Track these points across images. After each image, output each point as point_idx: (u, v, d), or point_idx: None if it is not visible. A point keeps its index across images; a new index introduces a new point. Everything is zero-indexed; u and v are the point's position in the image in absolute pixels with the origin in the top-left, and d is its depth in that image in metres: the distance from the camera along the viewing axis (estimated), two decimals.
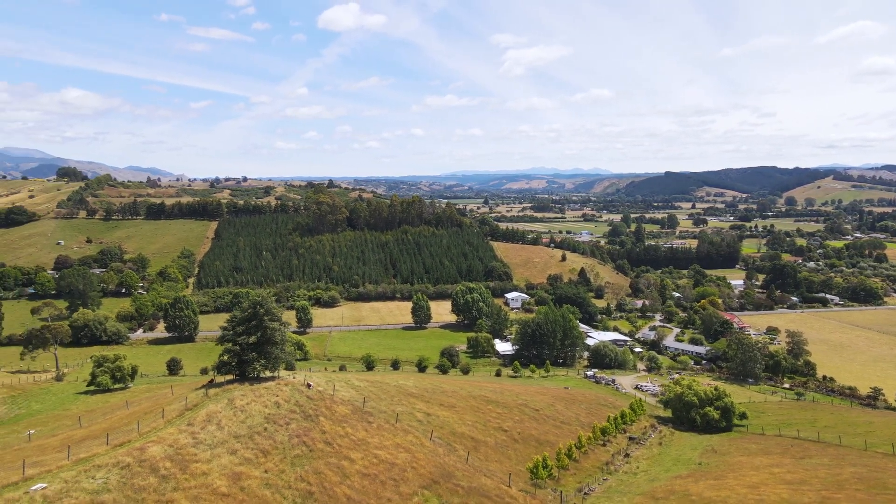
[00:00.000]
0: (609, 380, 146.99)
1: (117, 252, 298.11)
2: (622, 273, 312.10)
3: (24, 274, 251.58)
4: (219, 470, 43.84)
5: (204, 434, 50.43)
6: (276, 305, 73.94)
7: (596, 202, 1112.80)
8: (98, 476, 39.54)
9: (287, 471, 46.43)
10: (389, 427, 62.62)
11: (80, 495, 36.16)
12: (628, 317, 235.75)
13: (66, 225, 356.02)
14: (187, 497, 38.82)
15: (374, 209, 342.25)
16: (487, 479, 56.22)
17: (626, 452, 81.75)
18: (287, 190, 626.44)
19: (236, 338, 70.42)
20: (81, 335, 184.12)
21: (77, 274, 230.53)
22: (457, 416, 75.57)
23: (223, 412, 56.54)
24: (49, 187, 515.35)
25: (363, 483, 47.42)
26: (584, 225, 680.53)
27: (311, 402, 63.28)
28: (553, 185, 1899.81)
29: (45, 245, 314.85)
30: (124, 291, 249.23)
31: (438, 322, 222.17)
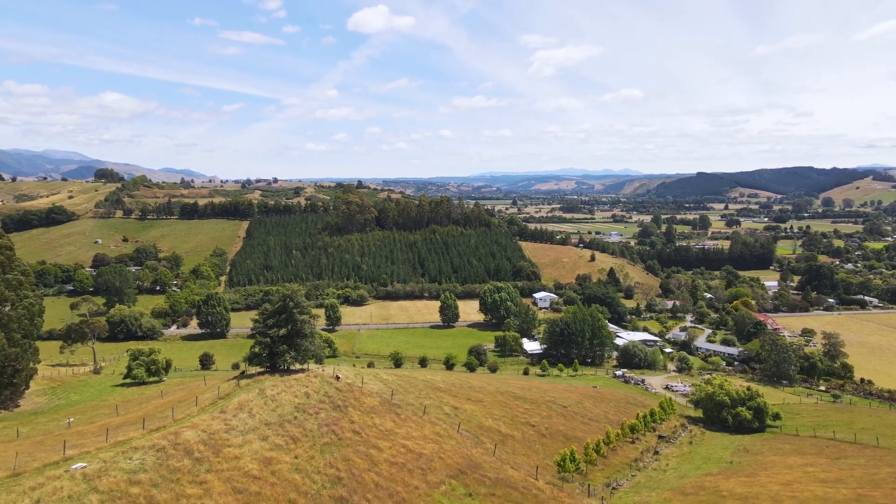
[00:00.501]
0: (638, 379, 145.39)
1: (152, 251, 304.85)
2: (652, 273, 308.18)
3: (63, 271, 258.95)
4: (250, 454, 44.71)
5: (236, 421, 51.43)
6: (305, 299, 74.98)
7: (626, 203, 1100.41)
8: (135, 457, 40.65)
9: (316, 457, 47.11)
10: (417, 419, 63.03)
11: (117, 474, 37.25)
12: (658, 317, 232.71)
13: (104, 224, 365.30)
14: (220, 479, 39.71)
15: (402, 209, 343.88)
16: (514, 471, 56.24)
17: (655, 450, 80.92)
18: (317, 191, 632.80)
19: (267, 330, 71.60)
20: (118, 330, 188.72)
21: (114, 271, 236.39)
22: (484, 410, 75.67)
23: (254, 401, 57.55)
24: (87, 188, 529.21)
25: (391, 471, 47.88)
26: (613, 226, 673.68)
27: (340, 394, 64.00)
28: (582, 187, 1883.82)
29: (84, 244, 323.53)
30: (159, 289, 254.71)
31: (466, 321, 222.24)
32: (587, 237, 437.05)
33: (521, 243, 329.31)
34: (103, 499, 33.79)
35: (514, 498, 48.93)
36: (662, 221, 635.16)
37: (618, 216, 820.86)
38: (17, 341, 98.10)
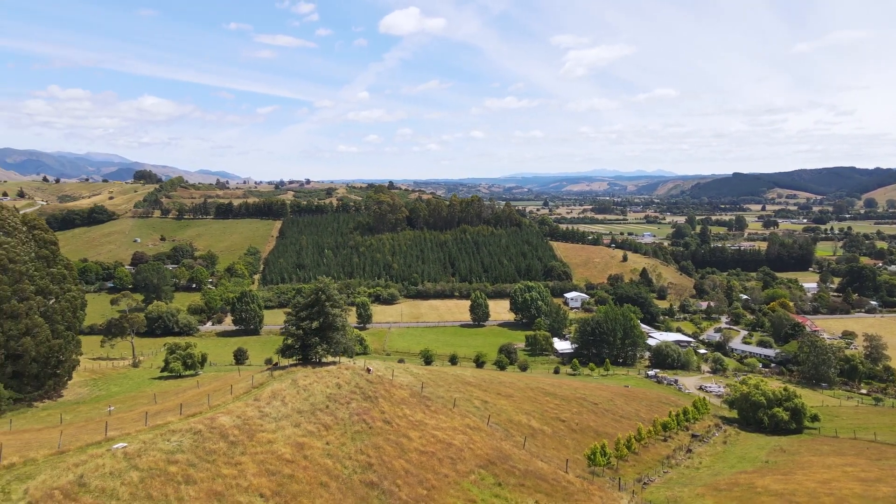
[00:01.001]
0: (671, 380, 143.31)
1: (188, 249, 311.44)
2: (686, 274, 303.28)
3: (104, 269, 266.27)
4: (283, 440, 45.53)
5: (269, 408, 52.40)
6: (337, 293, 75.86)
7: (659, 204, 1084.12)
8: (173, 439, 41.76)
9: (347, 444, 47.74)
10: (447, 411, 63.33)
11: (156, 454, 38.34)
12: (692, 318, 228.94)
13: (142, 224, 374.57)
14: (254, 461, 40.55)
15: (433, 208, 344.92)
16: (544, 463, 56.11)
17: (688, 448, 79.80)
18: (348, 191, 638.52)
19: (300, 323, 72.68)
20: (155, 326, 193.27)
21: (152, 269, 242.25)
22: (514, 404, 75.60)
23: (287, 390, 58.53)
24: (127, 189, 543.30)
25: (421, 459, 48.24)
26: (646, 227, 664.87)
27: (371, 385, 64.66)
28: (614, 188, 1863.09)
29: (123, 242, 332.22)
30: (194, 286, 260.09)
31: (496, 320, 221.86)
32: (619, 237, 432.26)
33: (552, 243, 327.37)
34: (143, 476, 34.84)
35: (544, 489, 48.86)
36: (697, 222, 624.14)
37: (651, 217, 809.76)
38: (61, 333, 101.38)
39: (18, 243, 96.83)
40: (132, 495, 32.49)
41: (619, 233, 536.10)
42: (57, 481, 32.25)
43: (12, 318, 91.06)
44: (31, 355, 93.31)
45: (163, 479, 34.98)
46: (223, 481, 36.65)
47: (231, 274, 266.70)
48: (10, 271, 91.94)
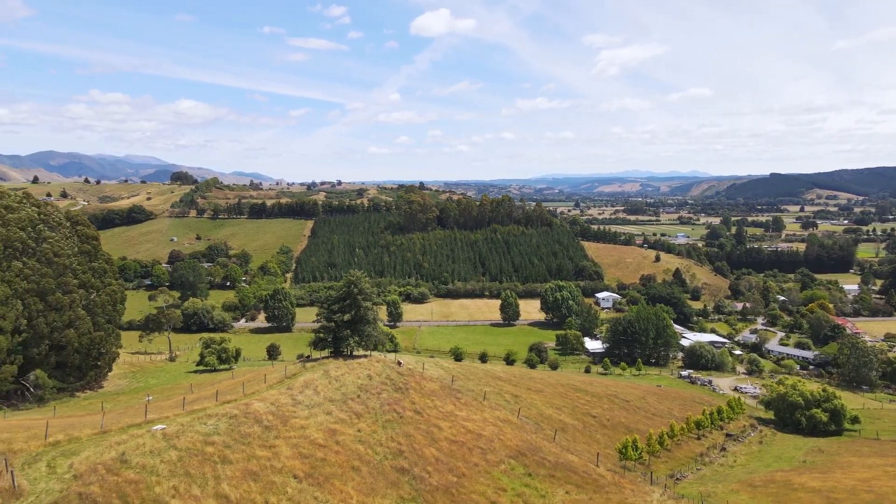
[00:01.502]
0: (705, 380, 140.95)
1: (223, 248, 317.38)
2: (721, 275, 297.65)
3: (142, 266, 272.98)
4: (315, 426, 46.24)
5: (302, 397, 53.25)
6: (368, 286, 76.58)
7: (693, 205, 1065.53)
8: (209, 422, 42.78)
9: (378, 431, 48.24)
10: (477, 404, 63.45)
11: (194, 435, 39.34)
12: (727, 319, 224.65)
13: (179, 223, 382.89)
14: (288, 445, 41.30)
15: (463, 208, 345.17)
16: (574, 457, 55.83)
17: (722, 447, 78.48)
18: (379, 192, 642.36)
19: (332, 315, 73.57)
20: (191, 322, 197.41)
21: (188, 267, 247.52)
22: (544, 399, 75.33)
23: (319, 380, 59.37)
24: (164, 190, 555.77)
25: (451, 448, 48.48)
26: (679, 227, 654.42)
27: (402, 378, 65.14)
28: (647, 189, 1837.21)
29: (161, 241, 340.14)
30: (229, 284, 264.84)
31: (527, 320, 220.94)
32: (652, 238, 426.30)
33: (583, 243, 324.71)
34: (181, 455, 35.79)
35: (574, 481, 48.65)
36: (732, 223, 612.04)
37: (684, 218, 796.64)
38: (102, 326, 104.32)
39: (62, 238, 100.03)
40: (171, 472, 33.42)
41: (651, 234, 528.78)
42: (100, 457, 33.35)
43: (56, 310, 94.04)
44: (74, 346, 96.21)
45: (200, 459, 35.89)
46: (258, 462, 37.43)
47: (264, 272, 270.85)
48: (54, 265, 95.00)
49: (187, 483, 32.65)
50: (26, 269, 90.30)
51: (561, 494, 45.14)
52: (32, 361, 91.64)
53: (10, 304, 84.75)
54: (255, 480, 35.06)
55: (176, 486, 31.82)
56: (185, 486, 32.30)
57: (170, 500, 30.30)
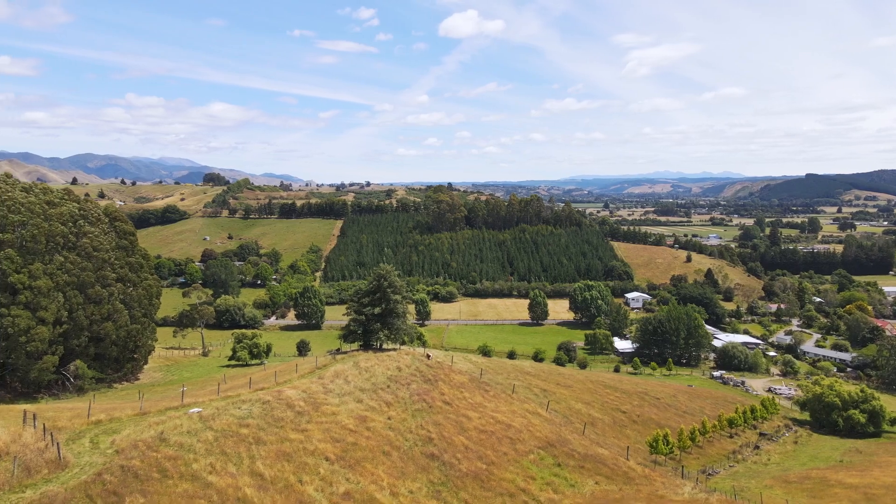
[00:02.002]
0: (738, 381, 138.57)
1: (254, 247, 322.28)
2: (754, 276, 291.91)
3: (176, 265, 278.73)
4: (346, 413, 46.84)
5: (333, 385, 53.97)
6: (398, 279, 77.13)
7: (725, 206, 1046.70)
8: (243, 407, 43.67)
9: (408, 420, 48.65)
10: (506, 397, 63.50)
11: (228, 418, 40.22)
12: (761, 320, 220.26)
13: (211, 223, 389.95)
14: (319, 429, 41.93)
15: (491, 208, 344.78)
16: (604, 450, 55.51)
17: (755, 445, 77.15)
18: (407, 193, 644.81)
19: (362, 308, 74.32)
20: (223, 319, 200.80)
21: (220, 265, 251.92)
22: (573, 394, 74.98)
23: (349, 371, 60.08)
24: (197, 191, 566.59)
25: (480, 437, 48.64)
26: (712, 229, 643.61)
27: (431, 370, 65.51)
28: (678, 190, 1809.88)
29: (194, 240, 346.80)
30: (259, 282, 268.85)
31: (555, 319, 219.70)
32: (683, 239, 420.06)
33: (612, 243, 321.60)
34: (217, 435, 36.64)
35: (604, 472, 48.40)
36: (766, 224, 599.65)
37: (716, 219, 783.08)
38: (138, 319, 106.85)
39: (101, 233, 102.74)
40: (208, 451, 34.24)
41: (682, 235, 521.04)
42: (140, 435, 34.35)
43: (95, 303, 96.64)
44: (112, 339, 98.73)
45: (235, 439, 36.69)
46: (290, 444, 38.10)
47: (294, 271, 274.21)
48: (94, 259, 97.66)
49: (223, 461, 33.43)
50: (67, 262, 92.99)
51: (590, 485, 44.97)
52: (73, 352, 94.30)
53: (51, 296, 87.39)
54: (288, 461, 35.71)
55: (213, 464, 32.60)
56: (222, 463, 33.06)
57: (207, 476, 31.06)
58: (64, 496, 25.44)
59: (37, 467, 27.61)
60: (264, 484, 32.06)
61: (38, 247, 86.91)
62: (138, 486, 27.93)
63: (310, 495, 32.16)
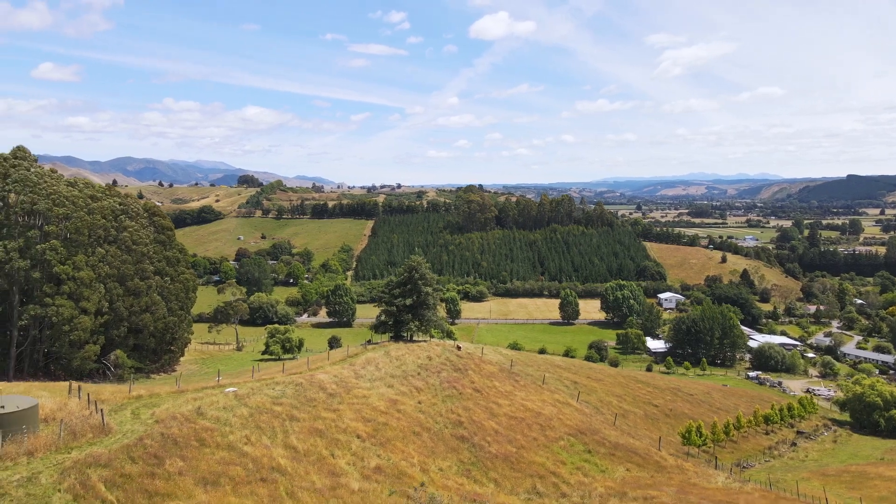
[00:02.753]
0: (774, 382, 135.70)
1: (286, 246, 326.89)
2: (792, 277, 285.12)
3: (211, 263, 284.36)
4: (377, 396, 47.39)
5: (364, 371, 54.62)
6: (429, 271, 77.60)
7: (762, 208, 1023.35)
8: (277, 388, 44.54)
9: (438, 404, 48.98)
10: (536, 387, 63.38)
11: (263, 397, 41.10)
12: (799, 322, 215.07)
13: (245, 223, 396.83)
14: (351, 409, 42.55)
15: (522, 208, 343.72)
16: (635, 440, 55.04)
17: (792, 442, 75.52)
18: (438, 195, 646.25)
19: (393, 300, 74.92)
20: (256, 316, 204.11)
21: (254, 263, 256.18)
22: (605, 387, 74.42)
23: (380, 359, 60.70)
24: (231, 192, 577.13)
25: (510, 423, 48.72)
26: (748, 230, 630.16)
27: (461, 360, 65.77)
28: (713, 192, 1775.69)
29: (228, 239, 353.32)
30: (292, 281, 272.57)
31: (586, 319, 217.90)
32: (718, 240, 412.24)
33: (645, 244, 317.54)
34: (252, 411, 37.48)
35: (635, 460, 48.02)
36: (805, 226, 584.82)
37: (753, 221, 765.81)
38: (175, 311, 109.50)
39: (140, 227, 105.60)
40: (243, 425, 35.07)
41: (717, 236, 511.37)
42: (178, 409, 35.35)
43: (135, 295, 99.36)
44: (150, 330, 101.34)
45: (269, 416, 37.48)
46: (323, 422, 38.75)
47: (326, 269, 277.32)
48: (133, 252, 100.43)
49: (258, 434, 34.19)
50: (108, 255, 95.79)
51: (621, 471, 44.69)
52: (113, 342, 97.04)
53: (93, 287, 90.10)
54: (320, 437, 36.34)
55: (248, 436, 33.38)
56: (256, 436, 33.82)
57: (243, 446, 31.82)
58: (108, 456, 26.37)
59: (82, 431, 28.69)
60: (297, 456, 32.71)
61: (81, 239, 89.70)
62: (177, 451, 28.79)
63: (341, 468, 32.70)
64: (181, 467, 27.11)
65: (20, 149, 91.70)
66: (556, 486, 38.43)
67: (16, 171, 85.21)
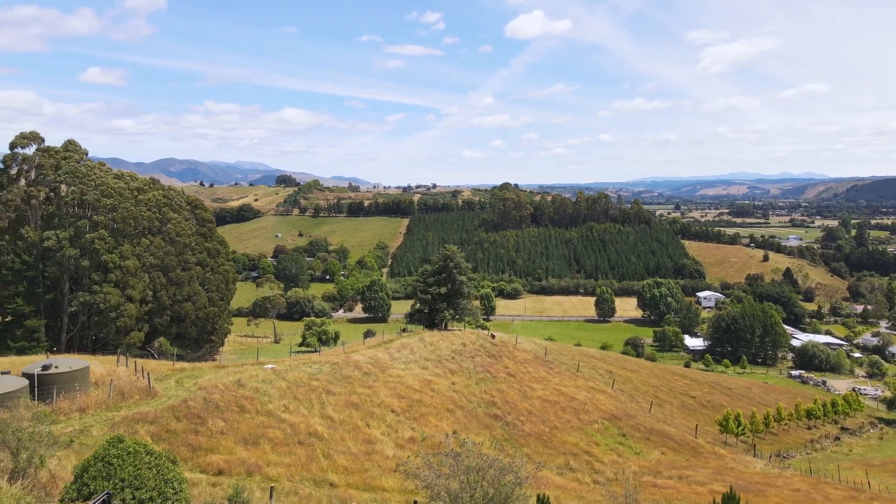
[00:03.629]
0: (818, 381, 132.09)
1: (323, 244, 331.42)
2: (838, 276, 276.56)
3: (250, 260, 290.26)
4: (412, 376, 48.00)
5: (398, 354, 55.32)
6: (463, 260, 77.99)
7: (807, 207, 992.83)
8: (314, 366, 45.52)
9: (472, 386, 49.34)
10: (570, 374, 63.19)
11: (300, 373, 42.08)
12: (845, 321, 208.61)
13: (283, 221, 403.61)
14: (386, 387, 43.22)
15: (558, 206, 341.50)
16: (671, 427, 54.48)
17: (835, 437, 73.52)
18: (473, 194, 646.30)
19: (427, 288, 75.52)
20: (294, 310, 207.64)
21: (291, 259, 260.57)
22: (640, 378, 73.71)
23: (415, 344, 61.33)
24: (269, 192, 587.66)
25: (544, 405, 48.77)
26: (791, 230, 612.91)
27: (495, 347, 65.98)
28: (755, 192, 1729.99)
29: (266, 237, 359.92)
30: (328, 277, 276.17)
31: (622, 317, 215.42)
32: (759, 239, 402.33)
33: (683, 242, 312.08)
34: (290, 385, 38.46)
35: (671, 445, 47.58)
36: (852, 226, 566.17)
37: (797, 221, 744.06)
38: (216, 302, 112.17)
39: (183, 219, 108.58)
40: (281, 396, 36.03)
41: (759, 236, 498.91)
42: (220, 380, 36.53)
43: (177, 285, 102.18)
44: (191, 319, 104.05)
45: (307, 389, 38.40)
46: (358, 397, 39.49)
47: (361, 266, 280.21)
48: (176, 243, 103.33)
49: (296, 404, 35.10)
50: (152, 245, 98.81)
51: (656, 454, 44.36)
52: (156, 330, 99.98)
53: (138, 275, 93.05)
54: (356, 409, 37.06)
55: (286, 405, 34.31)
56: (294, 406, 34.73)
57: (281, 414, 32.74)
58: (154, 414, 27.52)
59: (129, 393, 29.95)
60: (333, 424, 33.48)
61: (127, 229, 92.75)
62: (219, 414, 29.83)
63: (376, 437, 33.35)
64: (222, 427, 28.11)
65: (70, 142, 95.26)
66: (590, 463, 38.40)
67: (66, 163, 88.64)
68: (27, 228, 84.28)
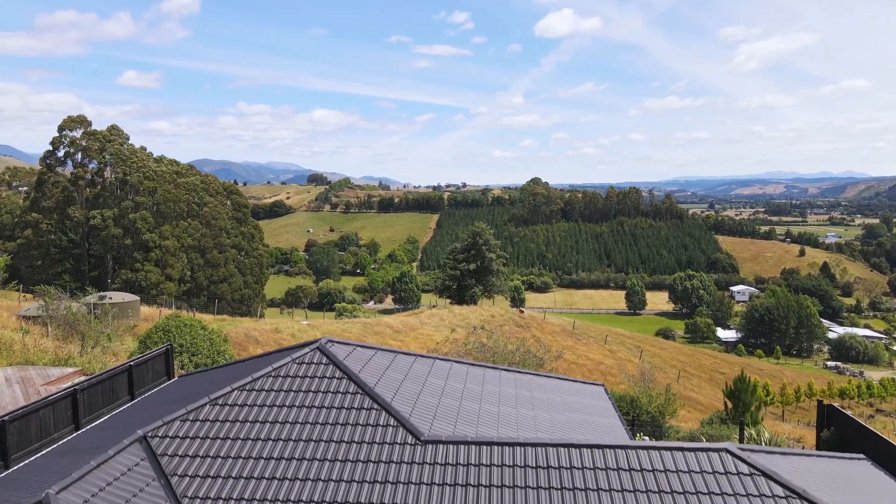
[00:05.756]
0: (855, 372, 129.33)
1: (353, 238, 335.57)
2: (878, 271, 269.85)
3: (282, 253, 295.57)
4: (441, 336, 49.28)
5: (428, 320, 56.75)
6: (493, 238, 79.13)
7: (847, 206, 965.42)
8: (347, 324, 47.20)
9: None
10: (598, 345, 63.85)
11: (333, 327, 43.80)
12: (885, 316, 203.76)
13: (314, 216, 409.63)
14: (415, 341, 44.68)
15: (588, 200, 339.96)
16: (698, 395, 54.76)
17: (869, 416, 72.50)
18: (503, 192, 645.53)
19: (457, 265, 76.93)
20: (325, 301, 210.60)
21: (322, 252, 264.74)
22: (669, 354, 73.92)
23: (444, 314, 62.72)
24: (301, 190, 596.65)
25: (570, 367, 49.60)
26: (829, 228, 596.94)
27: (523, 320, 66.98)
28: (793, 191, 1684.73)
29: (298, 232, 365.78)
30: (359, 271, 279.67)
31: (653, 310, 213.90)
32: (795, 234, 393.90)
33: (716, 237, 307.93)
34: (323, 332, 40.06)
35: (698, 408, 47.98)
36: (894, 223, 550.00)
37: (836, 219, 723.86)
38: (250, 284, 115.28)
39: (219, 204, 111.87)
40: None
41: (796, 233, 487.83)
42: (260, 326, 38.35)
43: (213, 267, 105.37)
44: (227, 300, 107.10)
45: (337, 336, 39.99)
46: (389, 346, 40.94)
47: (391, 260, 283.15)
48: (213, 226, 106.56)
49: None
50: (190, 227, 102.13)
51: (682, 412, 44.81)
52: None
53: (177, 255, 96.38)
54: None
55: None
56: None
57: None
58: None
59: None
60: None
61: (167, 210, 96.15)
62: (259, 346, 31.55)
63: None
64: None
65: (114, 127, 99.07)
66: None
67: (111, 145, 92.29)
68: (74, 208, 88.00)
